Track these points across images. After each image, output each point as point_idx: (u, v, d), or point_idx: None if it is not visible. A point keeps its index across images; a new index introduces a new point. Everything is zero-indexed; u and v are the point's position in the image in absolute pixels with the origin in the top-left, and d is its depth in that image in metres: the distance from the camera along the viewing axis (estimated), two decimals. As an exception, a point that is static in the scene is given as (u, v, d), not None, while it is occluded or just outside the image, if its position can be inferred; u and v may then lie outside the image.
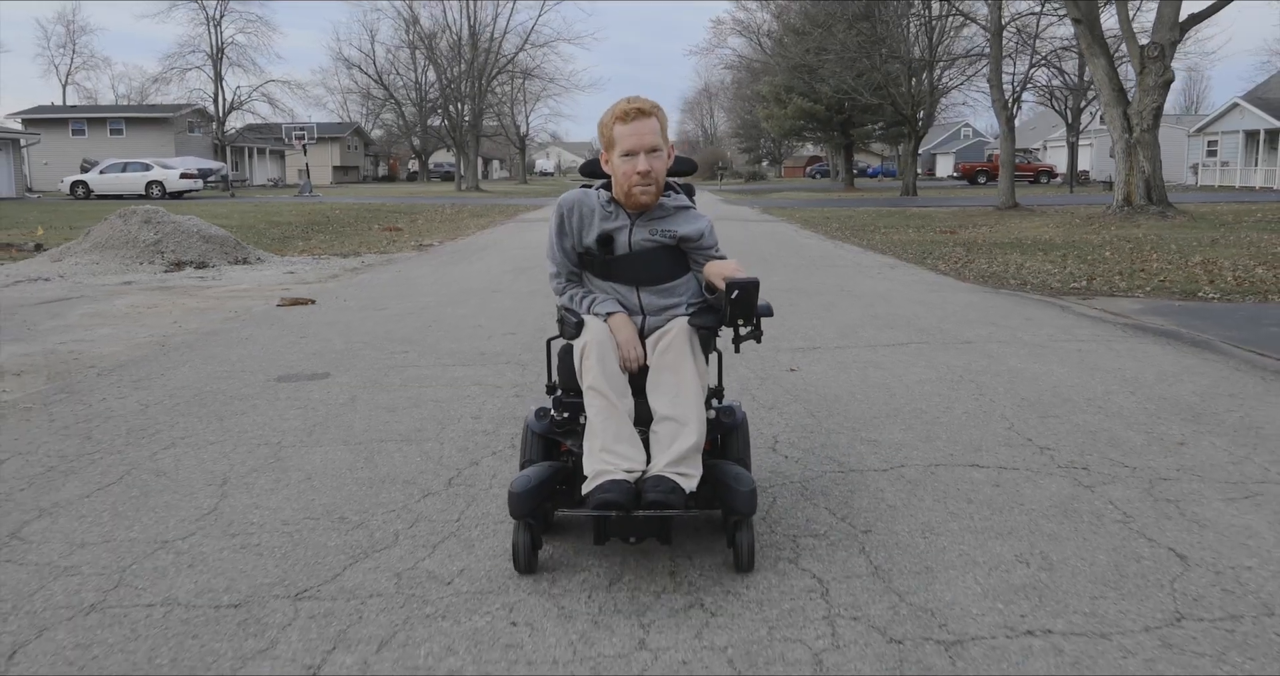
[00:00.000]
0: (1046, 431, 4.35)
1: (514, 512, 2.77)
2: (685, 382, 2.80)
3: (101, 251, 12.64)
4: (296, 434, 4.46)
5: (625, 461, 2.71)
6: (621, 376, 2.86)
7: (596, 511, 2.65)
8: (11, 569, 2.94)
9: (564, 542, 3.04)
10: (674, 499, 2.63)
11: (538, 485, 2.80)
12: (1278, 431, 4.33)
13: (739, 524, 2.79)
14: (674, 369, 2.82)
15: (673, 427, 2.76)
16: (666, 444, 2.75)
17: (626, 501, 2.61)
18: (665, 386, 2.82)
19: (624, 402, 2.81)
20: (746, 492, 2.75)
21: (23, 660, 2.38)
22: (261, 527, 3.27)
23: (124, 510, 3.45)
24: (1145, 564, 2.89)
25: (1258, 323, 7.52)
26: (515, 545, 2.80)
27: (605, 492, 2.62)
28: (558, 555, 2.95)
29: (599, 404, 2.77)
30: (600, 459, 2.71)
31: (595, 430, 2.76)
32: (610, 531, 2.75)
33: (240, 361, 6.27)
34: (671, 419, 2.77)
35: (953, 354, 6.20)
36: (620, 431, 2.75)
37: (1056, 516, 3.28)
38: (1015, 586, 2.73)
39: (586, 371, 2.82)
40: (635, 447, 2.76)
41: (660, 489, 2.63)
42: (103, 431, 4.55)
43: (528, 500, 2.76)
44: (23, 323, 8.07)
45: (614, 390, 2.79)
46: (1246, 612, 2.56)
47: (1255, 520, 3.22)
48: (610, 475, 2.67)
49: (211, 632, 2.51)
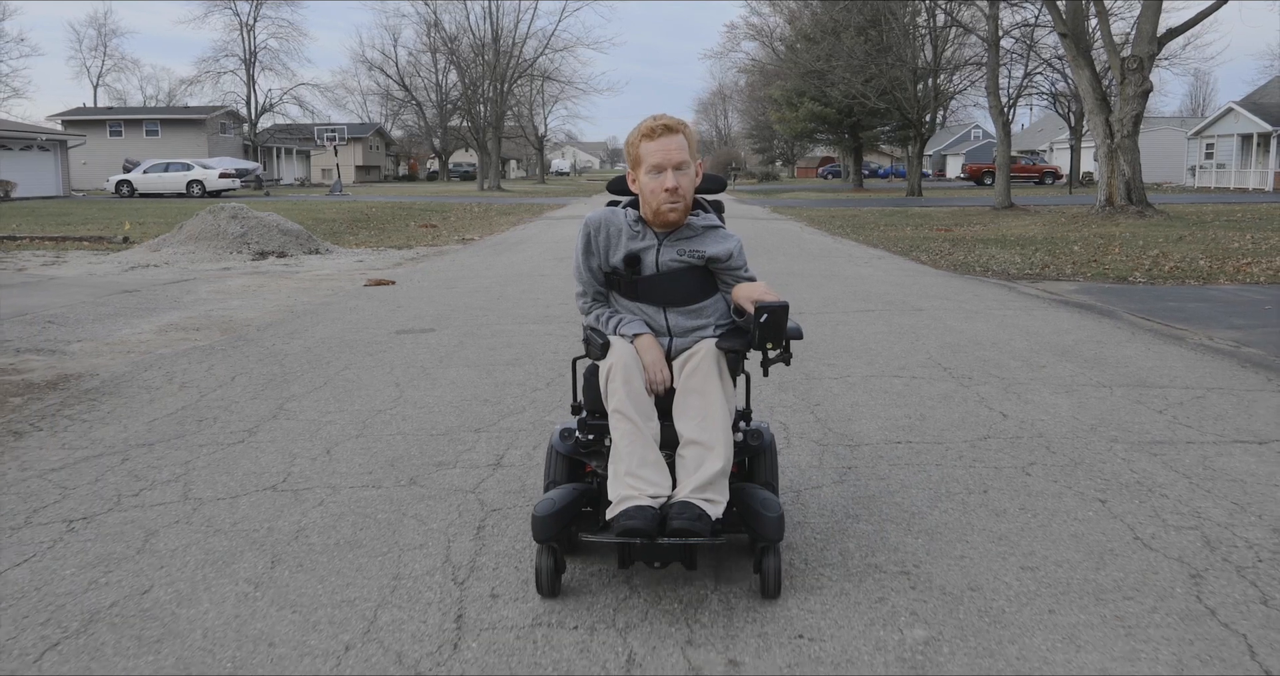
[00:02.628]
0: (953, 360, 6.23)
1: (537, 536, 2.75)
2: (712, 406, 2.77)
3: (195, 242, 14.61)
4: (430, 362, 6.38)
5: (650, 487, 2.69)
6: (647, 399, 2.83)
7: (621, 538, 2.65)
8: (295, 422, 4.86)
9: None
10: (700, 526, 2.62)
11: (562, 508, 2.78)
12: (1115, 360, 6.21)
13: (766, 549, 2.77)
14: (701, 392, 2.80)
15: (699, 452, 2.74)
16: (693, 469, 2.73)
17: (651, 528, 2.60)
18: (692, 410, 2.79)
19: (650, 426, 2.79)
20: (774, 518, 2.73)
21: (337, 453, 4.30)
22: (437, 404, 5.19)
23: (340, 398, 5.37)
24: (982, 417, 4.77)
25: (1161, 299, 9.36)
26: (538, 569, 2.79)
27: (630, 519, 2.61)
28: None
29: (624, 427, 2.75)
30: (625, 483, 2.70)
31: (620, 454, 2.74)
32: (635, 556, 2.77)
33: (361, 321, 8.19)
34: (698, 443, 2.75)
35: (906, 317, 8.09)
36: (646, 455, 2.73)
37: (938, 399, 5.17)
38: (898, 426, 4.63)
39: (612, 394, 2.79)
40: (661, 472, 2.74)
41: (686, 516, 2.62)
42: (290, 361, 6.47)
43: (552, 524, 2.74)
44: (166, 297, 10.01)
45: (640, 413, 2.77)
46: (1025, 435, 4.45)
47: (1063, 402, 5.10)
48: (635, 501, 2.65)
49: (435, 444, 4.43)
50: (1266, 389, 5.44)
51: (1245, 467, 3.98)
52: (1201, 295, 9.67)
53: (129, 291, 10.43)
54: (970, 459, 4.14)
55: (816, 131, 53.48)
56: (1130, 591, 2.84)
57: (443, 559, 3.12)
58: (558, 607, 2.77)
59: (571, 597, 2.84)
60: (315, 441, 4.50)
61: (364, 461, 4.19)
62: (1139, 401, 5.12)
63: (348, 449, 4.37)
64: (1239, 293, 9.85)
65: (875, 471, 3.96)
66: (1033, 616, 2.68)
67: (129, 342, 7.30)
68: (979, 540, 3.24)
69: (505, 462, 4.15)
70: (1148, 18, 22.30)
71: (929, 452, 4.23)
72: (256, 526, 3.42)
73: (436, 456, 4.25)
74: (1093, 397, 5.22)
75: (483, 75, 62.00)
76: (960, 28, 36.05)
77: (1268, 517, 3.42)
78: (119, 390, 5.65)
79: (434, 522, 3.44)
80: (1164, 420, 4.74)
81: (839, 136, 54.16)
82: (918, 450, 4.26)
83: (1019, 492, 3.71)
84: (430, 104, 72.74)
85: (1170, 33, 23.30)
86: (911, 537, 3.26)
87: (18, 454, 4.36)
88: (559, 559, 2.80)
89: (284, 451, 4.34)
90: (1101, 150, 23.25)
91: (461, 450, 4.34)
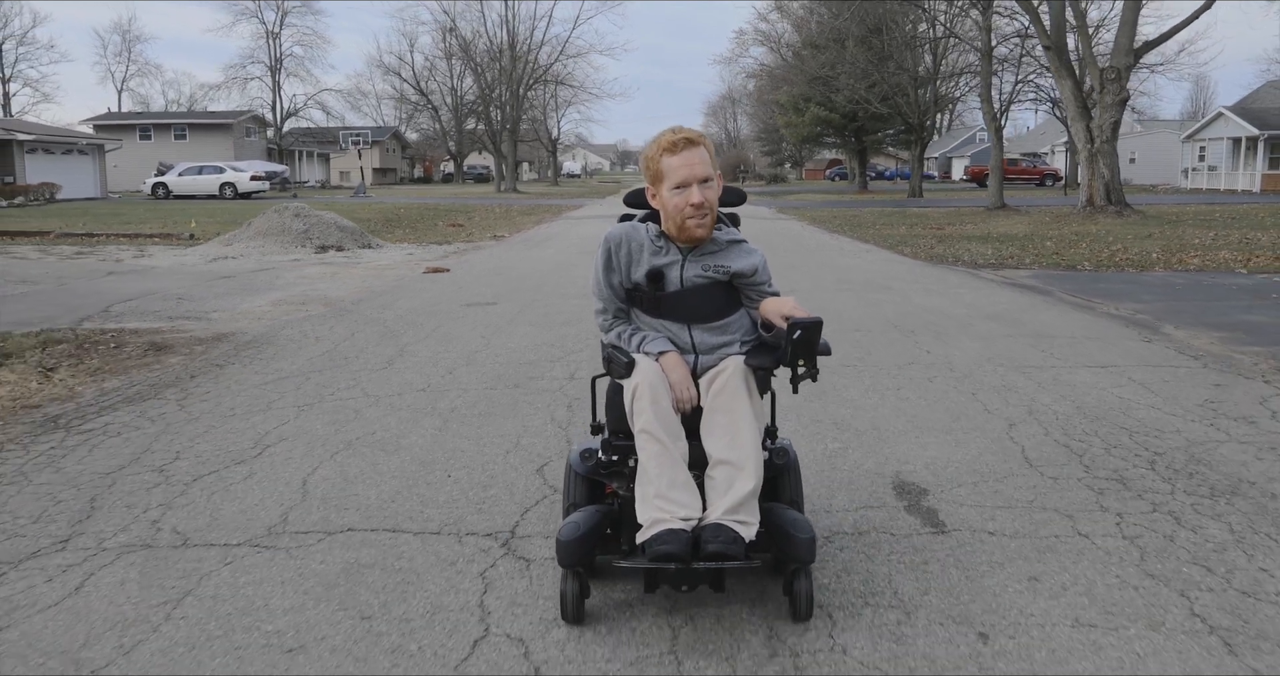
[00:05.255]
0: (904, 322, 8.08)
1: (563, 562, 2.72)
2: (741, 424, 2.74)
3: (263, 238, 16.54)
4: (501, 322, 8.26)
5: (681, 509, 2.65)
6: (675, 418, 2.79)
7: (655, 563, 2.60)
8: (417, 358, 6.74)
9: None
10: (734, 549, 2.58)
11: (587, 533, 2.75)
12: (1029, 321, 8.06)
13: (797, 572, 2.74)
14: (729, 410, 2.76)
15: (729, 472, 2.70)
16: (723, 489, 2.69)
17: (685, 552, 2.56)
18: (720, 429, 2.75)
19: (678, 446, 2.75)
20: (806, 540, 2.70)
21: (457, 373, 6.18)
22: (516, 346, 7.07)
23: (444, 344, 7.25)
24: (912, 353, 6.63)
25: (1095, 282, 11.18)
26: (563, 594, 2.75)
27: (663, 544, 2.57)
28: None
29: (652, 448, 2.71)
30: (655, 506, 2.65)
31: (649, 475, 2.70)
32: (663, 580, 2.70)
33: (434, 298, 10.09)
34: (728, 463, 2.71)
35: (876, 293, 9.95)
36: (675, 477, 2.69)
37: (885, 343, 7.03)
38: (851, 357, 6.48)
39: (638, 414, 2.75)
40: (691, 494, 2.70)
41: (720, 539, 2.58)
42: (391, 324, 8.35)
43: (577, 549, 2.71)
44: (260, 281, 11.91)
45: (668, 433, 2.73)
46: (938, 363, 6.30)
47: (975, 345, 6.95)
48: (667, 524, 2.61)
49: (524, 367, 6.31)
50: (1134, 339, 7.29)
51: (1081, 379, 5.83)
52: (1132, 280, 11.49)
53: (226, 277, 12.35)
54: (895, 374, 6.00)
55: (823, 135, 55.33)
56: (965, 432, 4.70)
57: (549, 419, 5.00)
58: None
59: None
60: (438, 367, 6.39)
61: (479, 376, 6.08)
62: (1030, 345, 6.98)
63: (463, 371, 6.26)
64: (1166, 278, 11.66)
65: (829, 382, 5.82)
66: (906, 439, 4.56)
67: (254, 313, 9.21)
68: (887, 411, 5.11)
69: (575, 377, 6.04)
70: (1124, 32, 24.10)
71: (868, 371, 6.09)
72: (423, 408, 5.31)
73: (528, 373, 6.13)
74: (998, 343, 7.07)
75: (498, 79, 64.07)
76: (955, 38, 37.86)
77: (1076, 402, 5.27)
78: (271, 342, 7.54)
79: (539, 404, 5.33)
80: (1041, 354, 6.60)
81: (844, 140, 55.99)
82: (860, 370, 6.12)
83: (921, 390, 5.57)
84: (446, 107, 74.83)
85: (1146, 45, 25.11)
86: (844, 409, 5.13)
87: (229, 376, 6.25)
88: (584, 583, 2.76)
89: (420, 372, 6.23)
90: (1083, 154, 25.03)
91: (544, 370, 6.22)
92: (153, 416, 5.17)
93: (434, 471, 4.18)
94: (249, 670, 2.53)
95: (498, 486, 3.97)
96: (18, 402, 5.57)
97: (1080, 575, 3.05)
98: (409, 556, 3.25)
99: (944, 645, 2.62)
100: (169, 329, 8.21)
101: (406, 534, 3.45)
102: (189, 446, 4.58)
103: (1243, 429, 4.72)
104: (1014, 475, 4.04)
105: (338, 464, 4.29)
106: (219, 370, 6.47)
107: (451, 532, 3.46)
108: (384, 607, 2.88)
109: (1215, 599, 2.87)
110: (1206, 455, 4.28)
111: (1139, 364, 6.33)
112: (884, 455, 4.32)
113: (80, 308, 9.45)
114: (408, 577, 3.08)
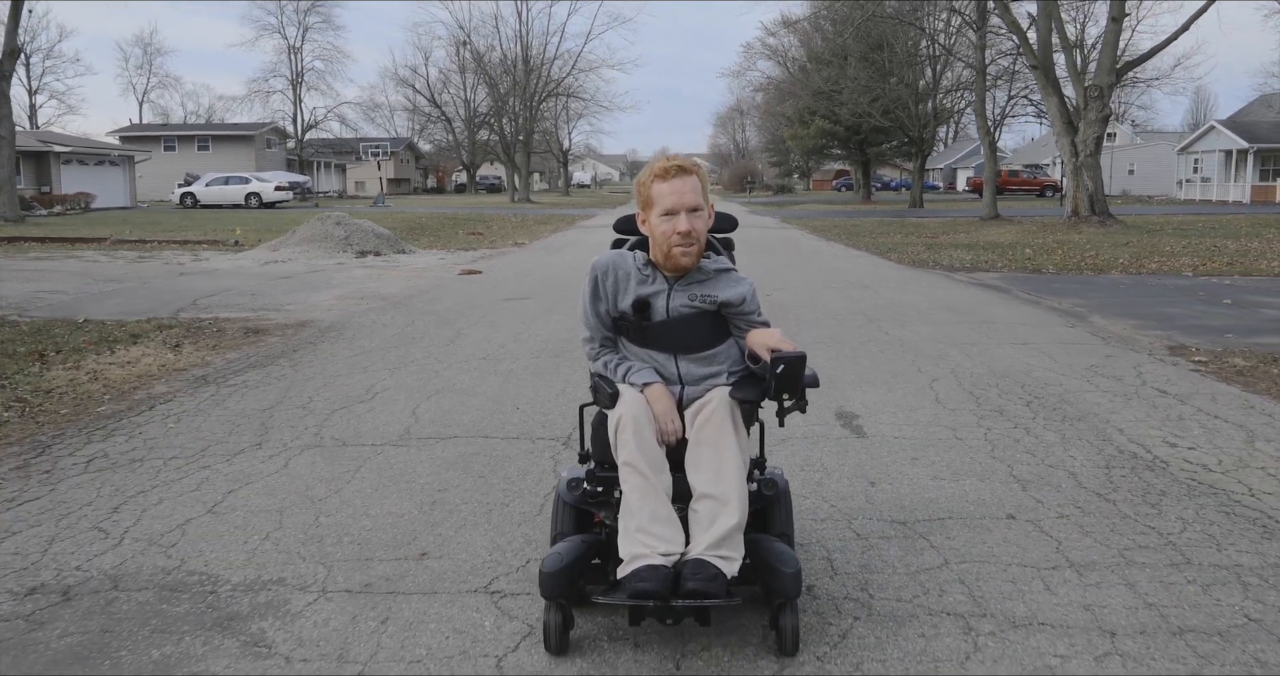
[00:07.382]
0: (875, 313, 9.63)
1: (545, 593, 2.70)
2: (726, 458, 2.71)
3: (308, 244, 18.17)
4: (538, 313, 9.84)
5: (663, 543, 2.62)
6: (659, 451, 2.76)
7: (633, 601, 2.57)
8: (472, 339, 8.31)
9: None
10: (715, 587, 2.55)
11: (570, 563, 2.73)
12: (981, 313, 9.60)
13: (783, 606, 2.70)
14: (713, 443, 2.74)
15: (713, 507, 2.68)
16: (706, 524, 2.67)
17: (664, 590, 2.53)
18: (705, 462, 2.73)
19: (661, 479, 2.72)
20: (792, 574, 2.67)
21: (507, 347, 7.75)
22: (553, 330, 8.64)
23: (491, 328, 8.82)
24: (874, 335, 8.17)
25: (1051, 282, 12.70)
26: (546, 625, 2.73)
27: (642, 581, 2.54)
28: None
29: (635, 481, 2.69)
30: (636, 540, 2.63)
31: (631, 509, 2.68)
32: (647, 614, 2.66)
33: (474, 295, 11.67)
34: (711, 497, 2.68)
35: (857, 291, 11.52)
36: (657, 511, 2.67)
37: (854, 328, 8.58)
38: (823, 337, 8.03)
39: (622, 446, 2.73)
40: (673, 528, 2.68)
41: (701, 576, 2.56)
42: (443, 314, 9.93)
43: (560, 580, 2.70)
44: (317, 280, 13.51)
45: (651, 466, 2.71)
46: (893, 341, 7.85)
47: (928, 329, 8.48)
48: (647, 560, 2.58)
49: (562, 344, 7.89)
50: (1060, 325, 8.83)
51: (1004, 352, 7.38)
52: (1086, 281, 13.02)
53: (285, 277, 13.96)
54: (855, 349, 7.56)
55: (827, 147, 57.01)
56: (898, 383, 6.26)
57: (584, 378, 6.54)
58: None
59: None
60: (491, 344, 7.97)
61: (526, 350, 7.65)
62: (973, 329, 8.53)
63: (512, 346, 7.84)
64: (1116, 280, 13.18)
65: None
66: (853, 388, 6.12)
67: (322, 305, 10.80)
68: (843, 370, 6.66)
69: (602, 351, 7.61)
70: (1107, 53, 25.67)
71: (835, 345, 7.64)
72: (487, 371, 6.87)
73: (564, 348, 7.71)
74: (947, 327, 8.62)
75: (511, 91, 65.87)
76: (950, 56, 39.47)
77: (991, 366, 6.82)
78: (346, 327, 9.12)
79: (576, 367, 6.90)
80: (979, 335, 8.15)
81: (849, 151, 57.63)
82: (829, 345, 7.68)
83: (874, 360, 7.13)
84: (459, 119, 76.67)
85: (1127, 65, 26.65)
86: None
87: (323, 351, 7.83)
88: (568, 615, 2.76)
89: (477, 347, 7.81)
90: (1068, 167, 26.58)
91: (577, 347, 7.69)
92: (277, 376, 6.75)
93: (505, 406, 5.76)
94: (416, 502, 4.09)
95: (553, 414, 5.56)
96: (164, 368, 7.16)
97: (947, 455, 4.62)
98: (501, 450, 4.83)
99: (846, 487, 4.19)
100: (255, 318, 9.80)
101: (496, 439, 5.03)
102: (318, 392, 6.17)
103: (1109, 384, 6.26)
104: (923, 407, 5.60)
105: (434, 402, 5.87)
106: (313, 347, 8.04)
107: (527, 438, 5.05)
108: (491, 471, 4.46)
109: (1027, 468, 4.43)
110: (1072, 398, 5.83)
111: (1055, 342, 7.87)
112: (832, 397, 5.87)
113: (171, 301, 11.05)
114: (503, 458, 4.67)
